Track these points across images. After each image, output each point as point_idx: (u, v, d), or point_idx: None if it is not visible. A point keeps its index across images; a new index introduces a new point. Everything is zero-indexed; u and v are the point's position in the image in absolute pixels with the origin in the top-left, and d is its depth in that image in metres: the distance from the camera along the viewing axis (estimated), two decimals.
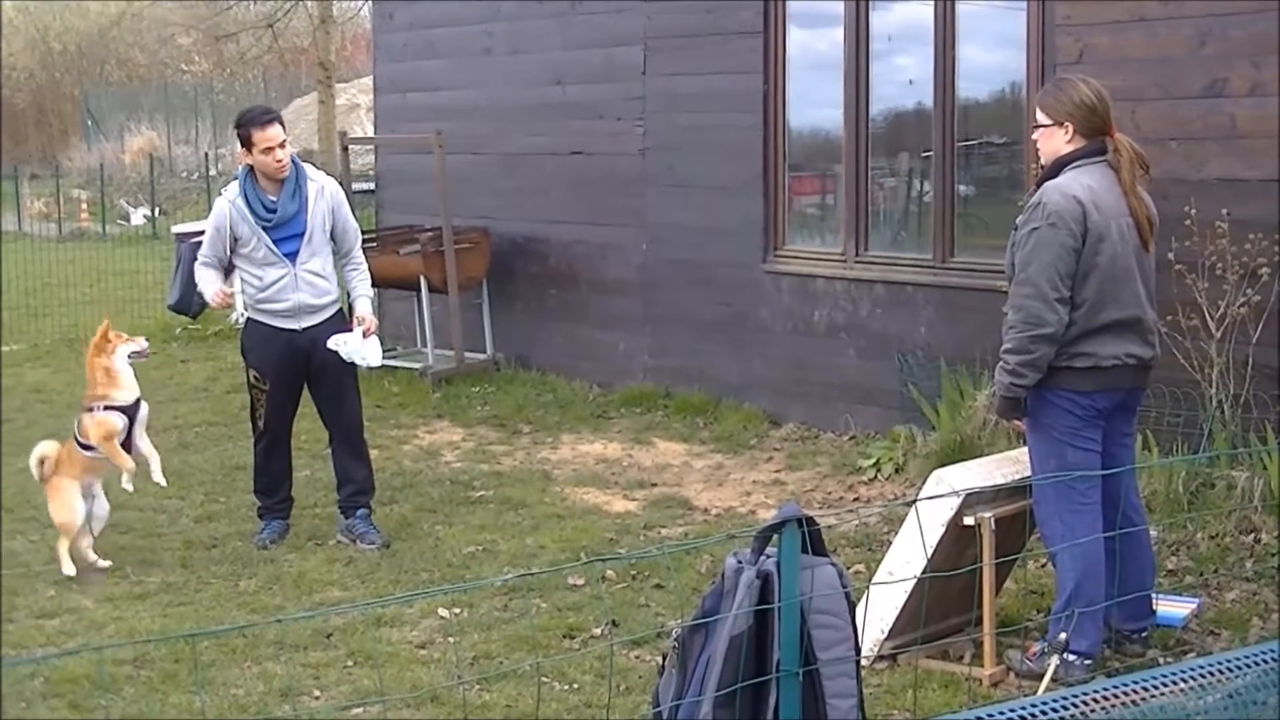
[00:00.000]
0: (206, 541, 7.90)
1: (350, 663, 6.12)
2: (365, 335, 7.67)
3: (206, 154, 31.67)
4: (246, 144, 7.59)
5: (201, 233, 15.79)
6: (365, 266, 8.04)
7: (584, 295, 11.52)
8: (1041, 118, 5.84)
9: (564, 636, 6.38)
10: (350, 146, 13.08)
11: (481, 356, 11.99)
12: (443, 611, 6.64)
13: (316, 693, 5.84)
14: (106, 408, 7.42)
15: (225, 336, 14.63)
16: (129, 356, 7.54)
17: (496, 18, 12.06)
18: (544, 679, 5.87)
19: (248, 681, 5.93)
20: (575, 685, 5.81)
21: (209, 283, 7.75)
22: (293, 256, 7.62)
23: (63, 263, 18.05)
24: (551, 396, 11.15)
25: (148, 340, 7.87)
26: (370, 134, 17.99)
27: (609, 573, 7.13)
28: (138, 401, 7.54)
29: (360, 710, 5.61)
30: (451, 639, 6.32)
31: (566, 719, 5.51)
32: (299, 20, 31.44)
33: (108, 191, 29.21)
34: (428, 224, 12.20)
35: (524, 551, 7.57)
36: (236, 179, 7.76)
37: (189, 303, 14.93)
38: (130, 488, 7.49)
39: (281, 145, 7.55)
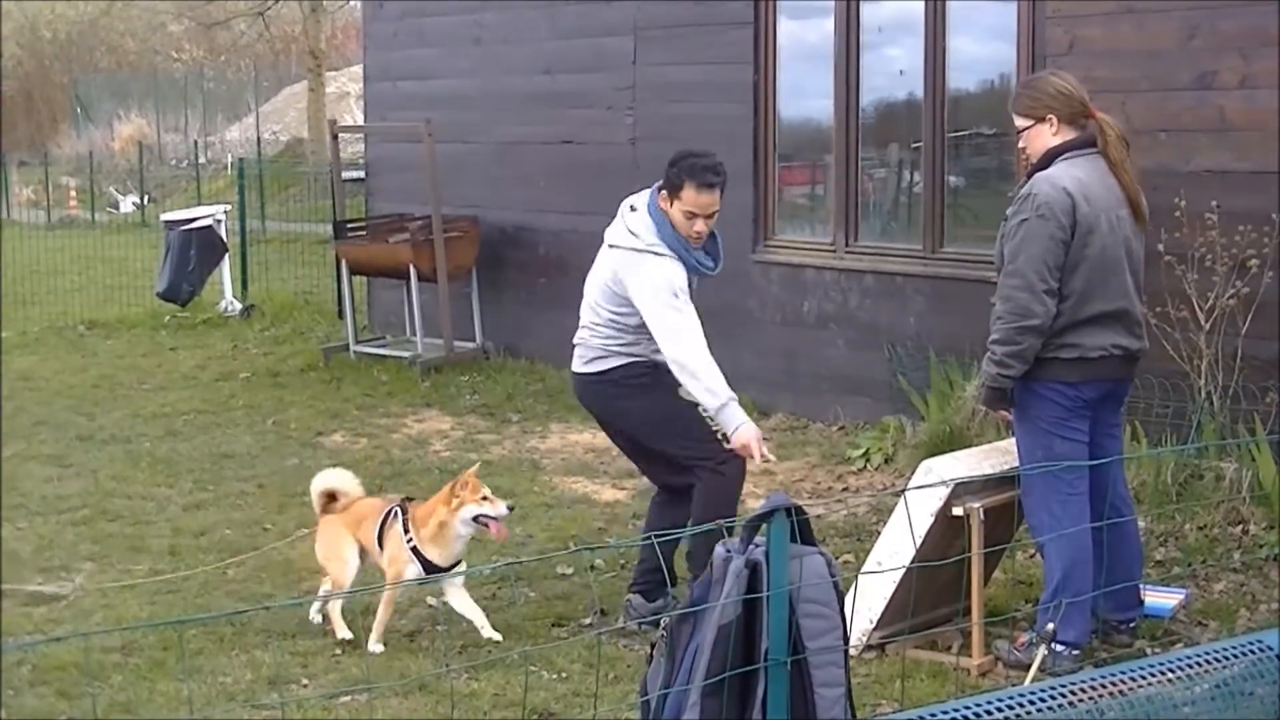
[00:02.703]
0: (195, 530, 7.88)
1: (338, 651, 6.11)
2: None
3: (196, 142, 31.63)
4: (674, 191, 6.31)
5: (191, 220, 15.82)
6: None
7: (574, 284, 11.36)
8: (1022, 121, 5.82)
9: (552, 625, 6.38)
10: (340, 135, 13.07)
11: (470, 345, 11.98)
12: (431, 600, 6.63)
13: (305, 681, 5.83)
14: (415, 551, 6.15)
15: (214, 324, 14.64)
16: (473, 519, 6.15)
17: (487, 7, 12.04)
18: (532, 668, 5.86)
19: (236, 669, 5.93)
20: (564, 674, 5.82)
21: (746, 428, 6.05)
22: None
23: (51, 250, 18.04)
24: (541, 385, 11.15)
25: (509, 507, 6.33)
26: (360, 122, 17.97)
27: (598, 561, 7.14)
28: (452, 567, 6.22)
29: (348, 698, 5.61)
30: (440, 627, 6.32)
31: (555, 708, 5.52)
32: (289, 8, 31.40)
33: (97, 179, 29.15)
34: (417, 212, 12.18)
35: (512, 540, 7.55)
36: (640, 224, 6.37)
37: (178, 290, 15.01)
38: (379, 648, 6.13)
39: (710, 216, 6.35)
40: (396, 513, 6.22)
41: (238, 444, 9.72)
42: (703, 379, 6.06)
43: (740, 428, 6.02)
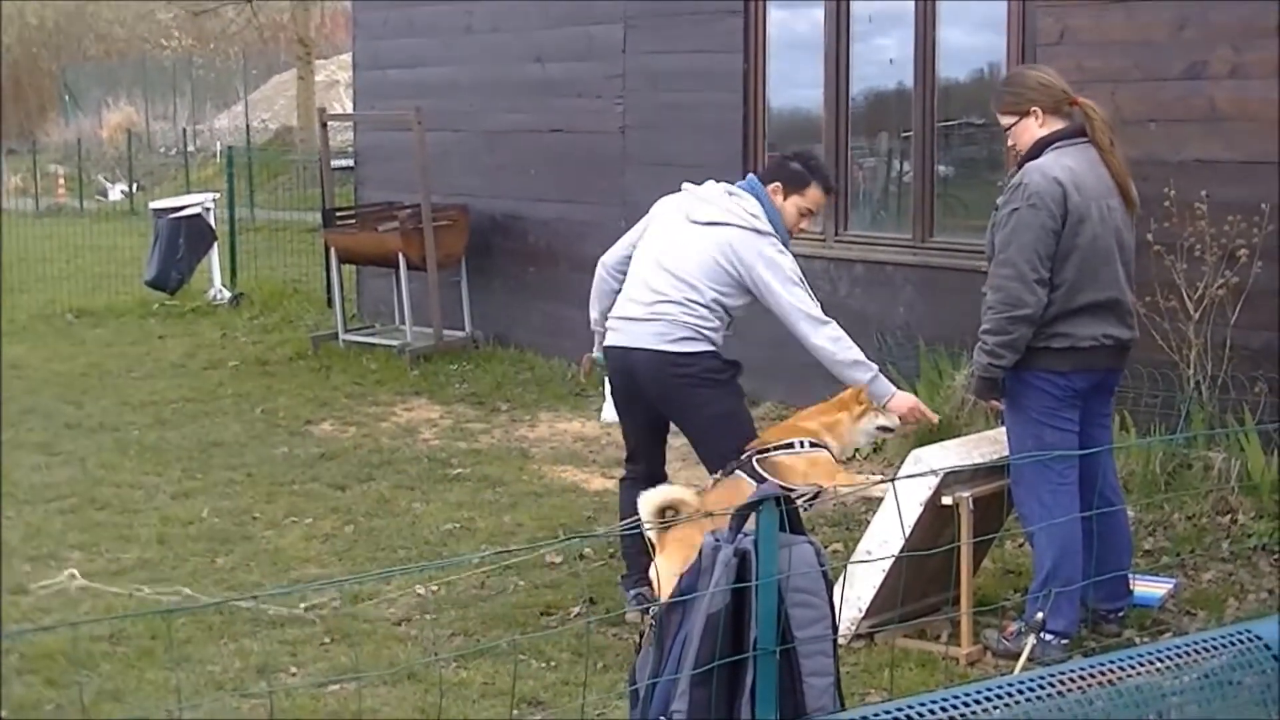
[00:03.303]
0: (184, 518, 7.86)
1: (327, 640, 6.10)
2: None
3: (185, 130, 31.52)
4: (797, 187, 6.25)
5: (180, 208, 15.78)
6: None
7: (563, 273, 11.49)
8: (1007, 119, 5.82)
9: (541, 614, 6.37)
10: (329, 123, 13.04)
11: (460, 334, 11.97)
12: (420, 589, 6.63)
13: (293, 669, 5.82)
14: (813, 444, 5.89)
15: (203, 313, 14.61)
16: (877, 429, 6.10)
17: None
18: (521, 656, 5.86)
19: (224, 658, 5.92)
20: (553, 663, 5.82)
21: (904, 395, 6.16)
22: None
23: (39, 238, 17.99)
24: (530, 374, 11.15)
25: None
26: (349, 110, 17.93)
27: (587, 550, 7.14)
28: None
29: (337, 687, 5.60)
30: (429, 616, 6.32)
31: (544, 697, 5.51)
32: None
33: (85, 167, 29.08)
34: (407, 201, 12.16)
35: (501, 529, 7.57)
36: (756, 208, 6.20)
37: (166, 278, 14.98)
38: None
39: (813, 215, 6.48)
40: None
41: (226, 432, 9.71)
42: (853, 353, 6.12)
43: (897, 395, 6.10)
